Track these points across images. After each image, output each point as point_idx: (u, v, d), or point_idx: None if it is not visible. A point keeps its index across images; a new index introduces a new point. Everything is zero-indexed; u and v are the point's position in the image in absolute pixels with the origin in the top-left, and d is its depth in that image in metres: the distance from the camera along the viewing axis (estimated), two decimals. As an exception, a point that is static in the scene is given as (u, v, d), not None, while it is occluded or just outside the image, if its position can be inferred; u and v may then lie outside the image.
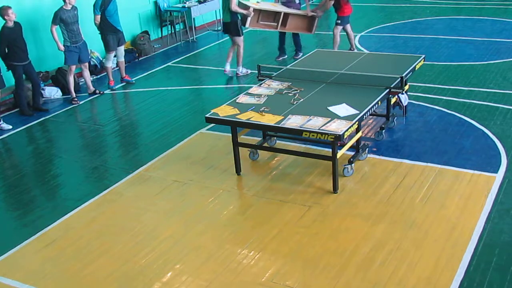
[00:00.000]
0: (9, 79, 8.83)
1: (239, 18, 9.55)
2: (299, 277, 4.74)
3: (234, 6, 9.32)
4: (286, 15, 10.01)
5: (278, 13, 9.96)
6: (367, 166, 6.46)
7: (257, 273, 4.83)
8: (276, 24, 10.03)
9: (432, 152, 6.69)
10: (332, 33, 10.57)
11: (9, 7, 8.39)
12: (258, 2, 10.02)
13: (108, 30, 9.62)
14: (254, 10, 9.66)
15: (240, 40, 9.75)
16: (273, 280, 4.73)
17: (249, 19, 9.62)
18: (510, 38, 11.09)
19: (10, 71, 8.71)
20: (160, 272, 4.96)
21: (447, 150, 6.71)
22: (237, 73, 9.97)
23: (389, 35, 12.07)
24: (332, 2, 9.99)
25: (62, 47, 9.13)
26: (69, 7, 8.97)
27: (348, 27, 10.42)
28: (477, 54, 10.23)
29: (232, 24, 9.62)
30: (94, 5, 9.56)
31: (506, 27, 11.96)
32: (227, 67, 9.95)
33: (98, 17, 9.58)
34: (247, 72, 9.95)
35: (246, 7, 9.57)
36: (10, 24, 8.44)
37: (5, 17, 8.38)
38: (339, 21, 10.30)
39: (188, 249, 5.25)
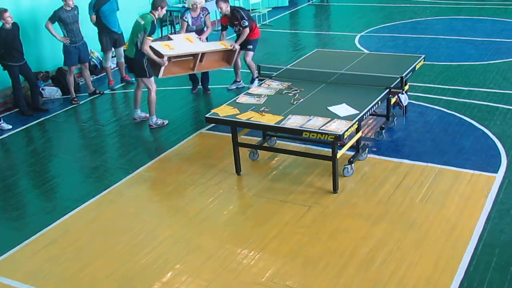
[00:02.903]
0: (9, 79, 8.83)
1: (145, 57, 7.72)
2: (299, 277, 4.74)
3: (146, 48, 7.54)
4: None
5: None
6: (367, 166, 6.46)
7: (257, 273, 4.83)
8: (192, 63, 8.42)
9: (432, 152, 6.69)
10: (242, 63, 9.20)
11: (6, 11, 8.35)
12: (170, 39, 8.54)
13: (103, 31, 9.63)
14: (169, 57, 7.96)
15: (149, 82, 7.85)
16: (273, 280, 4.73)
17: (162, 69, 7.87)
18: (510, 38, 11.09)
19: (6, 71, 8.71)
20: (160, 272, 4.96)
21: (447, 150, 6.71)
22: (150, 125, 8.03)
23: (389, 35, 12.07)
24: (248, 31, 8.71)
25: (61, 38, 9.06)
26: (69, 8, 8.97)
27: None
28: (477, 54, 10.24)
29: (136, 62, 7.77)
30: (89, 5, 9.60)
31: (506, 27, 11.97)
32: (137, 113, 8.26)
33: (94, 17, 9.61)
34: (163, 123, 8.06)
35: (160, 55, 7.80)
36: (8, 26, 8.44)
37: (2, 20, 8.37)
38: (250, 46, 8.90)
39: (188, 249, 5.25)
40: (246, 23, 8.66)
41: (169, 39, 8.58)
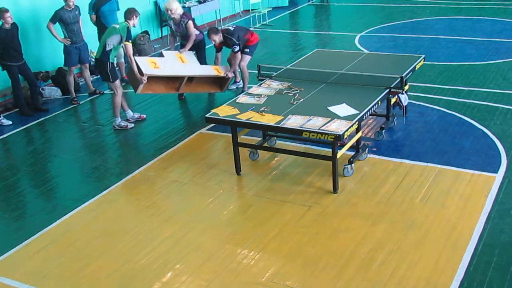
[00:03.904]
0: (8, 79, 8.83)
1: (109, 60, 7.81)
2: (299, 277, 4.74)
3: (129, 53, 7.68)
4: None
5: (182, 67, 8.22)
6: (367, 166, 6.46)
7: (257, 273, 4.83)
8: (178, 83, 8.25)
9: (432, 152, 6.69)
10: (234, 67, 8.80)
11: (7, 11, 8.36)
12: (162, 55, 8.36)
13: (103, 31, 9.62)
14: (149, 77, 7.82)
15: (114, 85, 7.88)
16: (273, 280, 4.73)
17: (141, 86, 7.79)
18: (510, 38, 11.10)
19: (5, 71, 8.71)
20: (160, 272, 4.96)
21: (447, 150, 6.71)
22: (114, 126, 8.14)
23: (389, 35, 12.07)
24: (239, 56, 8.62)
25: (62, 39, 9.09)
26: (69, 8, 8.98)
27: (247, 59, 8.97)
28: (477, 54, 10.24)
29: (100, 63, 7.87)
30: (89, 5, 9.60)
31: (506, 27, 11.97)
32: (129, 114, 8.30)
33: (94, 16, 9.64)
34: (126, 126, 8.11)
35: (140, 72, 7.71)
36: (7, 26, 8.44)
37: (2, 20, 8.38)
38: (247, 50, 8.79)
39: (188, 249, 5.25)
40: (237, 49, 8.57)
41: (162, 55, 8.45)
